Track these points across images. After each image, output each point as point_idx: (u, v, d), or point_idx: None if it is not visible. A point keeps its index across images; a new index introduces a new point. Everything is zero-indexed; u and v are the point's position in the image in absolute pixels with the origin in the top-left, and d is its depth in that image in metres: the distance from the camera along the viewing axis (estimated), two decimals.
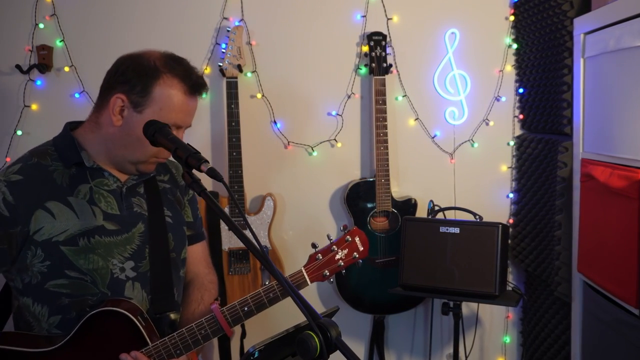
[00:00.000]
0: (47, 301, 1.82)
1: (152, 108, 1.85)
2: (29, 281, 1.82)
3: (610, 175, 2.38)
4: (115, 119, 1.86)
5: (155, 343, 1.83)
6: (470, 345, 3.42)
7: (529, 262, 3.26)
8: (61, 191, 1.83)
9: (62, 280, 1.81)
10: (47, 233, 1.80)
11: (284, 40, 3.38)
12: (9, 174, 1.82)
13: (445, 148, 3.50)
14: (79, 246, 1.82)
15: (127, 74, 1.87)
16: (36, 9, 3.23)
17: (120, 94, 1.85)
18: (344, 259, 2.05)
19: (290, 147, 3.42)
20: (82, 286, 1.83)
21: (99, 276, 1.84)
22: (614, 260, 2.38)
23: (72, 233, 1.82)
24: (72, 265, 1.81)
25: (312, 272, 2.02)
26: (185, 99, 1.91)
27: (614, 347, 2.43)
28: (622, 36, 2.32)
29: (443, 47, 3.43)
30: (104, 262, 1.85)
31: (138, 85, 1.85)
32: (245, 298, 1.93)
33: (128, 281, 1.90)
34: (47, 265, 1.80)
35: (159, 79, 1.87)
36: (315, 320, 1.31)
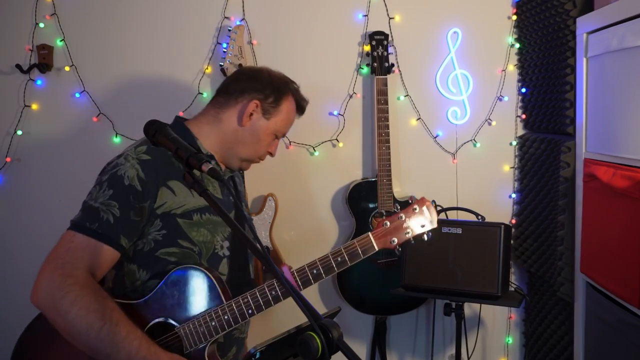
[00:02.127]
0: (153, 266, 2.02)
1: (277, 118, 2.24)
2: (141, 247, 2.03)
3: (614, 175, 2.38)
4: (246, 119, 2.19)
5: (229, 302, 1.99)
6: (472, 346, 3.42)
7: (532, 262, 3.25)
8: (180, 173, 2.00)
9: (174, 249, 2.03)
10: (168, 207, 2.02)
11: (285, 39, 3.38)
12: (139, 152, 2.02)
13: (448, 148, 3.49)
14: (193, 220, 2.06)
15: (265, 85, 2.23)
16: (36, 8, 3.22)
17: (256, 100, 2.20)
18: (412, 228, 2.11)
19: (291, 147, 3.41)
20: (189, 256, 2.05)
21: (205, 249, 2.09)
22: (617, 260, 2.37)
23: (188, 208, 2.05)
24: (186, 235, 2.04)
25: (380, 238, 2.09)
26: (294, 117, 2.35)
27: (617, 348, 2.42)
28: (625, 35, 2.32)
29: (445, 46, 3.42)
30: (211, 236, 2.10)
31: (271, 96, 2.22)
32: (314, 261, 2.06)
33: (224, 258, 2.16)
34: (163, 234, 2.02)
35: (287, 96, 2.28)
36: (317, 321, 1.31)
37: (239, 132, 2.20)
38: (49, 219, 3.27)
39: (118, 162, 2.01)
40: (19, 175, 3.29)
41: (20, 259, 3.30)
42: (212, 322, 1.97)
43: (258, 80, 2.24)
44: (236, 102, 2.21)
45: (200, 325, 1.97)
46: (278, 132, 2.27)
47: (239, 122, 2.20)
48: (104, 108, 3.28)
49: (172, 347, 1.97)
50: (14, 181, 3.28)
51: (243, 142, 2.21)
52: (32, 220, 3.31)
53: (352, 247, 2.06)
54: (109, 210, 1.93)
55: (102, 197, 1.95)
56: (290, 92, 2.29)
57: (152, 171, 2.00)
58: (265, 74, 2.28)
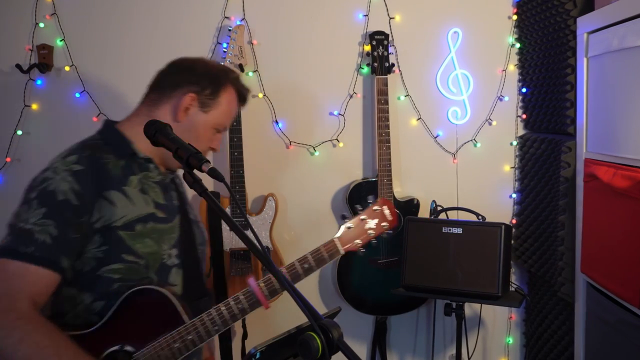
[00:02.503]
0: (96, 287, 1.85)
1: (217, 110, 2.05)
2: (80, 268, 1.84)
3: (614, 175, 2.38)
4: (181, 115, 2.01)
5: (193, 320, 1.88)
6: (473, 346, 3.41)
7: (532, 262, 3.25)
8: (116, 181, 1.89)
9: (118, 265, 1.85)
10: (107, 220, 1.84)
11: (285, 39, 3.37)
12: (69, 163, 1.84)
13: (448, 148, 3.49)
14: (136, 231, 1.88)
15: (198, 76, 2.04)
16: (36, 8, 3.21)
17: (191, 93, 2.01)
18: (374, 228, 2.13)
19: (292, 147, 3.41)
20: (136, 270, 1.88)
21: (152, 260, 1.91)
22: (618, 260, 2.37)
23: (130, 219, 1.87)
24: (129, 249, 1.86)
25: (345, 241, 2.10)
26: (236, 107, 2.15)
27: (618, 348, 2.42)
28: (626, 35, 2.31)
29: (445, 46, 3.42)
30: (157, 246, 1.93)
31: (208, 88, 2.03)
32: (281, 269, 1.99)
33: (173, 267, 1.99)
34: (104, 250, 1.84)
35: (226, 87, 2.08)
36: (317, 321, 1.30)
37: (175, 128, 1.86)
38: None
39: (46, 176, 1.82)
40: (19, 175, 3.28)
41: None
42: (175, 344, 1.85)
43: (193, 72, 2.06)
44: (170, 97, 2.02)
45: (162, 348, 1.84)
46: (219, 125, 2.08)
47: (174, 118, 2.00)
48: (104, 108, 3.28)
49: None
50: (14, 181, 3.27)
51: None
52: None
53: (318, 252, 2.06)
54: (45, 230, 1.74)
55: (33, 216, 1.76)
56: (229, 82, 2.09)
57: (88, 182, 1.82)
58: (200, 65, 2.10)
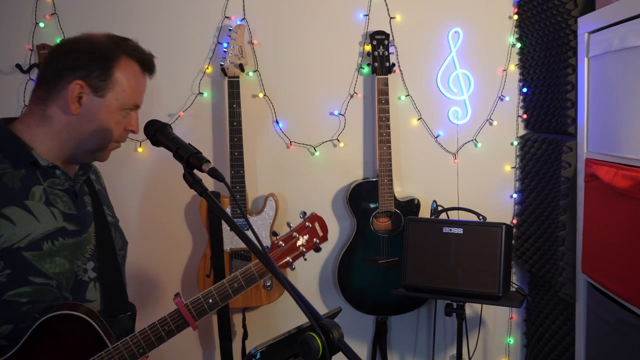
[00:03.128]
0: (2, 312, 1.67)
1: (115, 91, 1.80)
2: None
3: (615, 175, 2.37)
4: (74, 106, 1.76)
5: (116, 344, 1.75)
6: (473, 346, 3.41)
7: (533, 262, 3.24)
8: (16, 195, 1.69)
9: (25, 288, 1.67)
10: (7, 240, 1.65)
11: (286, 39, 3.37)
12: None
13: (449, 148, 3.49)
14: (44, 250, 1.70)
15: (81, 59, 1.78)
16: (36, 7, 3.21)
17: (78, 80, 1.76)
18: (305, 245, 2.07)
19: (292, 147, 3.40)
20: (46, 292, 1.71)
21: (65, 279, 1.75)
22: (619, 260, 2.37)
23: (35, 237, 1.69)
24: (37, 270, 1.69)
25: (276, 259, 2.02)
26: (141, 79, 1.90)
27: (619, 348, 2.41)
28: (627, 35, 2.31)
29: (446, 46, 3.42)
30: (70, 264, 1.76)
31: (96, 69, 1.77)
32: (210, 290, 1.89)
33: (90, 282, 1.83)
34: (7, 274, 1.65)
35: (120, 60, 1.82)
36: (318, 322, 1.30)
37: (73, 123, 1.78)
38: None
39: None
40: None
41: None
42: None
43: (74, 56, 1.78)
44: (57, 90, 1.77)
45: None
46: (125, 105, 1.84)
47: (67, 112, 1.77)
48: None
49: None
50: None
51: (85, 132, 1.80)
52: None
53: (248, 272, 1.96)
54: None
55: None
56: (122, 54, 1.83)
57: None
58: (82, 45, 1.81)
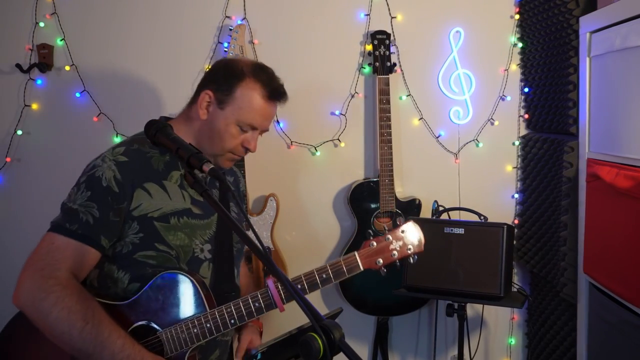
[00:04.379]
0: (132, 269, 1.99)
1: (233, 106, 2.07)
2: (120, 250, 1.99)
3: (617, 175, 2.37)
4: (202, 112, 2.09)
5: (212, 310, 1.97)
6: (475, 347, 3.40)
7: (534, 263, 3.24)
8: (157, 175, 2.01)
9: (151, 252, 1.98)
10: (144, 209, 1.98)
11: (286, 39, 3.36)
12: (116, 154, 1.99)
13: (450, 148, 3.48)
14: (170, 224, 2.01)
15: (218, 74, 2.12)
16: (36, 7, 3.21)
17: (208, 90, 2.08)
18: (398, 250, 2.07)
19: (293, 147, 3.40)
20: (167, 259, 2.00)
21: (183, 252, 2.03)
22: (620, 261, 2.36)
23: (165, 212, 2.00)
24: (162, 239, 1.99)
25: (365, 258, 2.05)
26: (264, 103, 2.10)
27: (620, 349, 2.41)
28: (629, 35, 2.31)
29: (447, 46, 3.41)
30: (189, 240, 2.04)
31: (224, 84, 2.07)
32: (299, 276, 2.03)
33: (205, 261, 2.09)
34: (140, 237, 1.98)
35: (243, 81, 2.08)
36: (319, 322, 1.30)
37: (202, 127, 2.11)
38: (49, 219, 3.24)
39: (96, 163, 2.00)
40: (19, 175, 3.28)
41: (19, 259, 3.25)
42: (194, 329, 1.96)
43: (214, 71, 2.17)
44: (197, 96, 2.13)
45: (182, 331, 1.95)
46: (240, 122, 2.08)
47: (197, 117, 2.11)
48: (105, 108, 3.28)
49: (154, 350, 1.95)
50: (14, 181, 3.27)
51: (206, 136, 2.10)
52: (31, 220, 3.28)
53: (337, 265, 2.04)
54: (88, 211, 1.92)
55: (80, 198, 1.95)
56: (249, 76, 2.09)
57: (129, 172, 1.97)
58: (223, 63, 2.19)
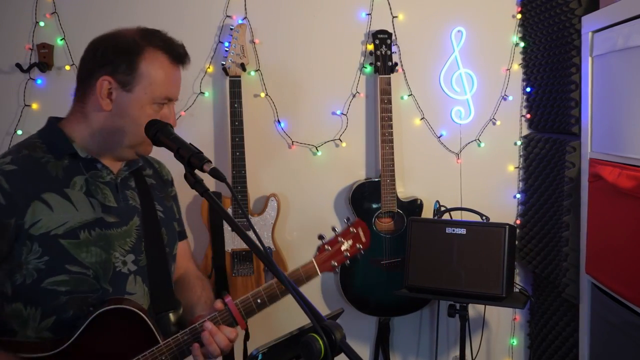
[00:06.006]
0: (42, 302, 1.70)
1: (142, 84, 1.78)
2: (22, 282, 1.68)
3: (619, 175, 2.36)
4: (105, 103, 1.77)
5: (167, 340, 1.78)
6: (476, 347, 3.39)
7: (537, 263, 3.23)
8: (57, 183, 1.74)
9: (63, 277, 1.70)
10: (45, 226, 1.69)
11: (287, 38, 3.36)
12: (3, 163, 1.70)
13: (452, 148, 3.47)
14: (80, 239, 1.73)
15: (108, 55, 1.78)
16: (36, 7, 3.21)
17: (105, 76, 1.76)
18: (349, 250, 2.14)
19: (294, 146, 3.39)
20: (83, 282, 1.73)
21: (102, 270, 1.76)
22: (623, 261, 2.36)
23: (72, 226, 1.72)
24: (74, 259, 1.71)
25: (322, 263, 2.09)
26: (172, 70, 1.85)
27: (623, 350, 2.41)
28: (631, 34, 2.30)
29: (449, 45, 3.40)
30: (106, 255, 1.77)
31: (122, 64, 1.77)
32: (258, 290, 1.93)
33: (130, 275, 1.83)
34: (45, 261, 1.68)
35: (143, 54, 1.79)
36: (320, 323, 1.30)
37: (108, 119, 1.80)
38: None
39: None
40: None
41: None
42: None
43: (101, 52, 1.79)
44: (90, 87, 1.79)
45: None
46: (156, 99, 1.81)
47: (100, 109, 1.79)
48: None
49: None
50: None
51: (119, 128, 1.81)
52: None
53: (296, 273, 2.04)
54: None
55: None
56: (148, 46, 1.80)
57: (19, 182, 1.68)
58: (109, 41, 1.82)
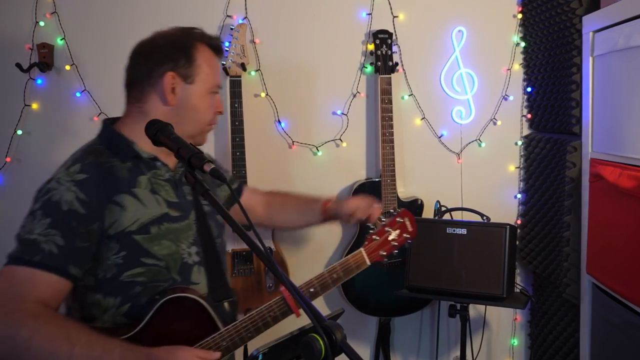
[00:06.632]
0: (120, 292, 1.86)
1: (200, 75, 1.97)
2: (102, 276, 1.84)
3: (620, 175, 2.36)
4: (170, 97, 1.93)
5: (227, 327, 1.88)
6: (477, 348, 3.39)
7: (537, 263, 3.23)
8: (125, 184, 1.87)
9: (139, 269, 1.86)
10: (120, 225, 1.83)
11: (288, 38, 3.36)
12: (72, 173, 1.82)
13: (452, 148, 3.47)
14: (151, 234, 1.87)
15: (164, 53, 1.95)
16: (37, 6, 3.20)
17: (169, 72, 1.93)
18: (396, 239, 2.18)
19: (294, 146, 3.39)
20: (157, 272, 1.88)
21: (172, 261, 1.91)
22: (624, 261, 2.36)
23: (143, 222, 1.86)
24: (147, 252, 1.86)
25: (371, 252, 2.13)
26: (216, 61, 2.06)
27: (624, 350, 2.41)
28: (632, 34, 2.30)
29: (450, 45, 3.40)
30: (175, 247, 1.92)
31: (181, 58, 1.94)
32: (311, 280, 2.02)
33: (194, 266, 1.97)
34: (123, 256, 1.84)
35: (196, 47, 1.98)
36: (320, 323, 1.30)
37: (170, 113, 1.94)
38: None
39: (50, 187, 1.81)
40: (19, 175, 3.27)
41: None
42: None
43: (157, 52, 1.96)
44: (151, 86, 1.95)
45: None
46: (211, 88, 2.01)
47: (165, 104, 1.94)
48: (105, 107, 3.26)
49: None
50: (14, 181, 3.26)
51: (183, 120, 1.95)
52: None
53: (346, 263, 2.08)
54: (51, 240, 1.74)
55: (39, 227, 1.76)
56: (196, 41, 1.99)
57: (93, 189, 1.81)
58: (160, 40, 1.99)
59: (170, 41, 1.98)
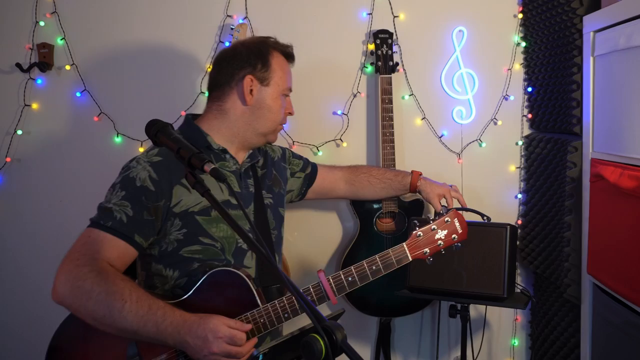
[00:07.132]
0: (179, 266, 2.12)
1: (274, 79, 2.29)
2: (165, 248, 2.12)
3: (621, 175, 2.36)
4: (249, 98, 2.25)
5: (265, 305, 2.04)
6: (478, 348, 3.38)
7: (538, 263, 3.23)
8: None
9: (196, 247, 2.12)
10: (185, 205, 2.11)
11: (288, 38, 3.29)
12: (150, 156, 2.13)
13: (453, 148, 3.47)
14: (211, 216, 2.14)
15: (244, 58, 2.27)
16: (37, 6, 3.20)
17: (248, 75, 2.25)
18: (443, 239, 2.23)
19: (295, 146, 3.38)
20: (212, 252, 2.14)
21: (227, 244, 2.17)
22: (625, 261, 2.35)
23: (205, 205, 2.12)
24: (206, 232, 2.13)
25: (413, 248, 2.22)
26: (288, 66, 2.39)
27: (625, 350, 2.40)
28: (633, 34, 2.30)
29: (450, 45, 3.40)
30: (231, 231, 2.16)
31: (258, 62, 2.26)
32: (350, 268, 2.16)
33: (248, 251, 2.22)
34: (184, 233, 2.11)
35: (271, 53, 2.30)
36: (321, 323, 1.31)
37: (247, 112, 2.27)
38: (49, 219, 3.26)
39: (130, 165, 2.12)
40: (19, 175, 3.27)
41: (20, 259, 3.29)
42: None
43: (238, 57, 2.28)
44: (231, 87, 2.27)
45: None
46: (284, 90, 2.33)
47: (244, 104, 2.26)
48: (105, 107, 3.26)
49: None
50: (14, 181, 3.26)
51: (258, 118, 2.28)
52: (32, 221, 3.29)
53: (386, 256, 2.19)
54: (122, 210, 2.02)
55: (115, 198, 2.05)
56: (271, 48, 2.32)
57: (165, 171, 2.09)
58: (240, 48, 2.31)
59: (249, 49, 2.28)
